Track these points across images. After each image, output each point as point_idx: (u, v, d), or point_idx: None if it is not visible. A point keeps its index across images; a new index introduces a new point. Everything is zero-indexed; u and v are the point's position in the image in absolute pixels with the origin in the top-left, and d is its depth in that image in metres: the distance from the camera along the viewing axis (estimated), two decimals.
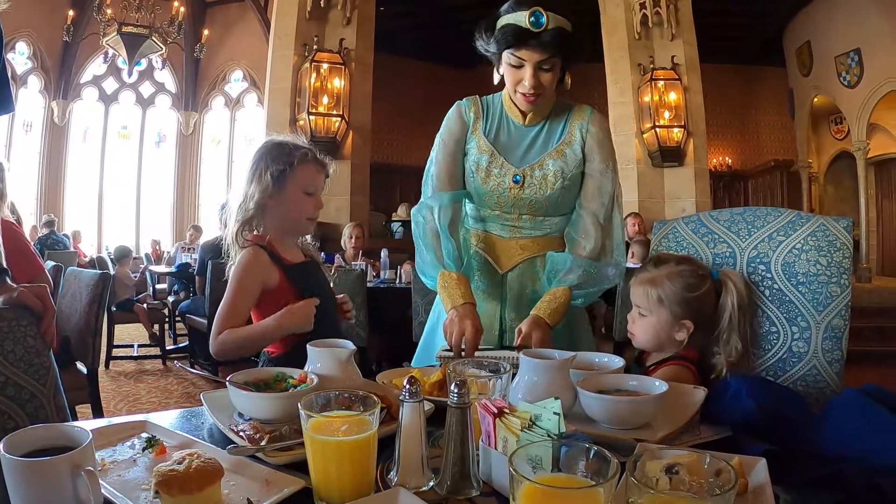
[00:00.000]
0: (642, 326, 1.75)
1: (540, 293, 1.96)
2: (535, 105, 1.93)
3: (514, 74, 1.88)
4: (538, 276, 2.02)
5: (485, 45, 1.91)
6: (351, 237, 6.24)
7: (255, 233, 1.94)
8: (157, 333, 7.18)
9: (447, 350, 1.79)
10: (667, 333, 1.72)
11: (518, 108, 1.99)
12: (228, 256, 1.97)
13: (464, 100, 2.09)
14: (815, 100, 12.80)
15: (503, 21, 1.84)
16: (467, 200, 2.10)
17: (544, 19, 1.76)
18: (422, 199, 2.07)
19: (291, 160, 1.89)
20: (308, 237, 2.11)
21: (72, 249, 9.40)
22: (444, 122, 2.10)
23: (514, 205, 2.00)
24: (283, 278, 1.90)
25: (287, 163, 1.89)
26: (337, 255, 6.03)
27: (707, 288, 1.71)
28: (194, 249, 8.92)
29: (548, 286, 1.95)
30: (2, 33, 1.62)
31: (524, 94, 1.88)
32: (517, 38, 1.79)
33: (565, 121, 2.01)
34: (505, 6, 1.87)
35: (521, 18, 1.78)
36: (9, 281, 1.52)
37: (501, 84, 1.98)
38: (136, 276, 7.97)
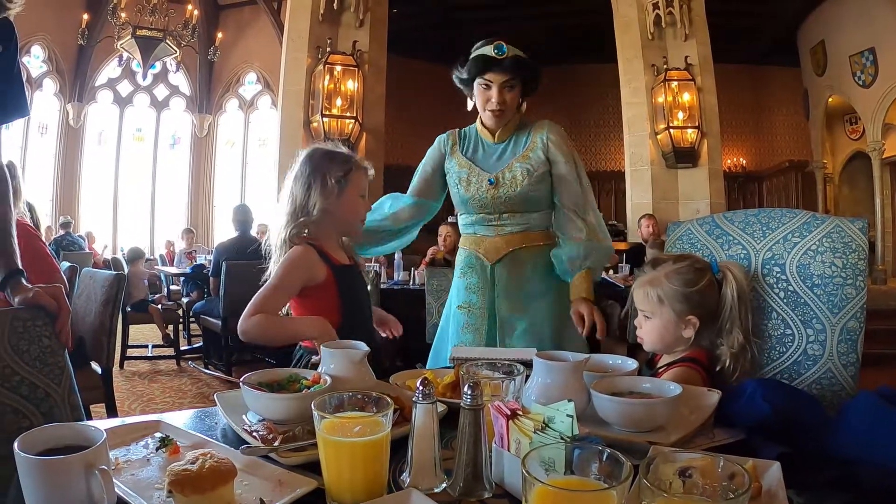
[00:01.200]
0: (648, 329, 1.76)
1: (527, 281, 2.37)
2: (502, 120, 2.38)
3: (484, 95, 2.34)
4: (524, 265, 2.38)
5: (459, 76, 2.38)
6: None
7: (305, 234, 2.03)
8: (172, 335, 7.22)
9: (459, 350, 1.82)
10: (672, 333, 1.72)
11: (487, 128, 2.44)
12: (269, 258, 2.04)
13: (443, 134, 2.55)
14: (830, 99, 12.69)
15: (474, 53, 2.34)
16: (460, 212, 2.53)
17: (505, 49, 2.27)
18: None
19: (349, 167, 2.04)
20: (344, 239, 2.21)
21: (87, 250, 9.46)
22: (429, 148, 2.56)
23: (493, 204, 2.38)
24: (329, 276, 1.99)
25: (346, 169, 2.03)
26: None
27: (707, 281, 1.71)
28: (196, 251, 8.99)
29: (570, 277, 2.35)
30: (17, 38, 1.64)
31: (493, 111, 2.34)
32: (485, 64, 2.29)
33: (528, 134, 2.42)
34: (476, 45, 2.37)
35: (488, 50, 2.30)
36: (24, 281, 1.53)
37: (474, 113, 2.46)
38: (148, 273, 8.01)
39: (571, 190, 2.37)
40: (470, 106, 2.46)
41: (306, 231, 2.02)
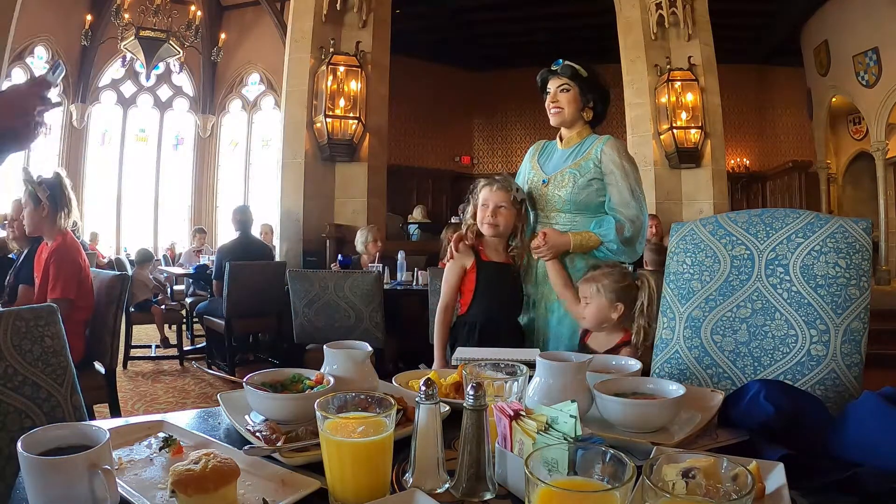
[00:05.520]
0: (589, 311, 2.37)
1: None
2: (559, 118, 2.71)
3: (547, 102, 2.73)
4: (563, 261, 2.62)
5: (541, 94, 2.78)
6: (375, 241, 6.13)
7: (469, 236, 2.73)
8: (172, 336, 7.21)
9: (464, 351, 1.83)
10: (605, 314, 2.34)
11: (559, 135, 2.79)
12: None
13: (533, 144, 2.96)
14: (834, 100, 12.65)
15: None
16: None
17: (561, 62, 2.67)
18: None
19: (475, 187, 2.72)
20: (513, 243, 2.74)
21: (91, 251, 9.47)
22: None
23: (546, 201, 2.69)
24: (473, 266, 2.64)
25: (474, 188, 2.72)
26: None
27: (628, 283, 2.37)
28: (204, 250, 8.99)
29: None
30: None
31: (552, 112, 2.71)
32: (546, 74, 2.72)
33: (589, 144, 2.69)
34: None
35: (549, 66, 2.71)
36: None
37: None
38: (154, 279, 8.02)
39: (624, 196, 2.59)
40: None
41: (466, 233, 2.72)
